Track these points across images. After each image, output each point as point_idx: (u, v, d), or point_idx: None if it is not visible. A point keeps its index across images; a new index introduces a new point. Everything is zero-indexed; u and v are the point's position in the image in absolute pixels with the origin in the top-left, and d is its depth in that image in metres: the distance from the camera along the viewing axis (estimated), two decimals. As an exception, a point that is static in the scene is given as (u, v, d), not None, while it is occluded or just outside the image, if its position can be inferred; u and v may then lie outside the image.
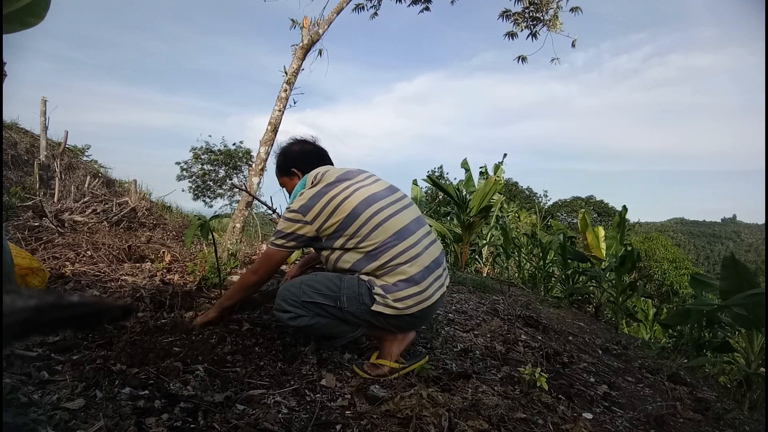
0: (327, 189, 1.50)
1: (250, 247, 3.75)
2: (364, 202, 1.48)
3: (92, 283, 2.14)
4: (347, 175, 1.57)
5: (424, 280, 1.46)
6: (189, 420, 1.06)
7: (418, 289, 1.45)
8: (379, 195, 1.53)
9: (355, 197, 1.48)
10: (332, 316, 1.47)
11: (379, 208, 1.49)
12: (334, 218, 1.46)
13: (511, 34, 4.97)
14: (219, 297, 2.10)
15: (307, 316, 1.46)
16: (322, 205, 1.47)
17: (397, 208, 1.53)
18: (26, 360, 1.24)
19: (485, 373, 1.63)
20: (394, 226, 1.47)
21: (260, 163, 3.68)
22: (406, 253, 1.45)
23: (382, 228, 1.46)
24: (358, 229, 1.45)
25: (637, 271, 4.91)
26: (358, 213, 1.46)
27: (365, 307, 1.44)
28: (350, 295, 1.44)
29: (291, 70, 3.84)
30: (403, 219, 1.51)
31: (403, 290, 1.42)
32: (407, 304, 1.43)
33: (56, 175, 4.41)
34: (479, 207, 5.64)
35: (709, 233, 72.91)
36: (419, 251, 1.48)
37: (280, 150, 1.78)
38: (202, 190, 14.41)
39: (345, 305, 1.44)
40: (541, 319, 2.79)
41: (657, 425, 1.47)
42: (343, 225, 1.46)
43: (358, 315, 1.45)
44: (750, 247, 60.76)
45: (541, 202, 30.84)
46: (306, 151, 1.73)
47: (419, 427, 1.11)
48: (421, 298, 1.45)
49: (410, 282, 1.43)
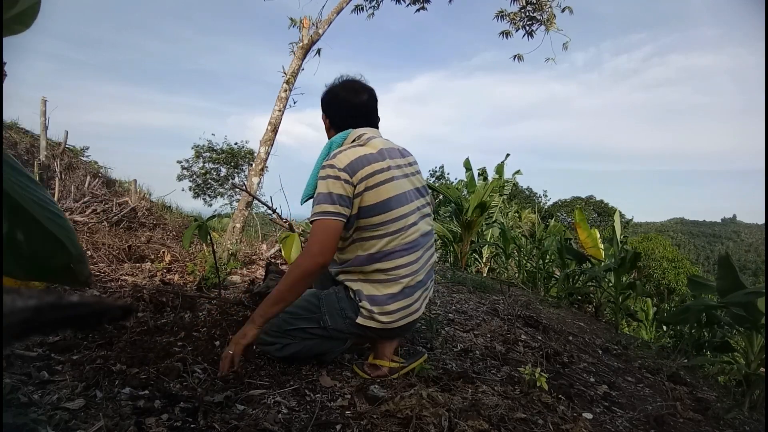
0: (372, 159, 1.35)
1: (250, 247, 3.75)
2: (396, 199, 1.37)
3: (92, 283, 2.14)
4: (389, 152, 1.43)
5: (413, 294, 1.42)
6: (189, 420, 1.06)
7: (407, 302, 1.40)
8: (409, 196, 1.43)
9: (393, 186, 1.36)
10: (318, 336, 1.43)
11: (406, 212, 1.39)
12: (369, 197, 1.33)
13: (506, 33, 4.97)
14: (219, 297, 2.10)
15: (293, 343, 1.42)
16: (366, 173, 1.33)
17: (418, 217, 1.45)
18: (26, 360, 1.24)
19: (485, 373, 1.63)
20: (409, 236, 1.39)
21: (260, 163, 3.68)
22: (408, 267, 1.39)
23: (400, 235, 1.37)
24: (379, 224, 1.35)
25: (636, 271, 4.91)
26: (388, 207, 1.35)
27: (350, 320, 1.40)
28: (332, 312, 1.41)
29: (291, 70, 3.84)
30: (419, 230, 1.44)
31: (391, 304, 1.37)
32: (394, 318, 1.38)
33: (56, 175, 4.41)
34: (476, 205, 5.64)
35: (709, 233, 72.94)
36: (420, 267, 1.44)
37: (333, 84, 1.54)
38: (203, 189, 14.41)
39: (329, 323, 1.40)
40: (541, 319, 2.79)
41: (657, 425, 1.47)
42: (371, 211, 1.33)
43: (343, 330, 1.42)
44: (750, 247, 60.77)
45: (541, 202, 30.86)
46: (355, 104, 1.49)
47: (419, 427, 1.11)
48: (409, 311, 1.41)
49: (400, 296, 1.38)
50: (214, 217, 2.32)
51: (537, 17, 4.83)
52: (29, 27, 0.65)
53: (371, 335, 1.46)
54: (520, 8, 4.85)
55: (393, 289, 1.37)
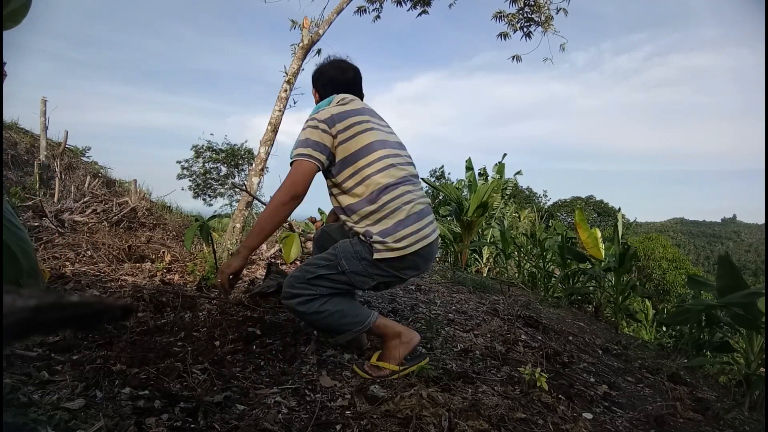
0: (353, 113, 1.53)
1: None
2: (379, 143, 1.52)
3: (92, 283, 2.14)
4: (371, 112, 1.61)
5: (421, 220, 1.50)
6: (189, 420, 1.06)
7: (417, 227, 1.48)
8: (390, 143, 1.58)
9: (374, 134, 1.52)
10: (341, 285, 1.48)
11: (389, 154, 1.53)
12: (352, 144, 1.48)
13: (504, 35, 4.97)
14: (219, 297, 2.10)
15: (317, 299, 1.45)
16: (346, 125, 1.49)
17: (402, 161, 1.58)
18: (26, 360, 1.24)
19: (485, 373, 1.63)
20: (398, 174, 1.51)
21: (260, 163, 3.68)
22: (405, 197, 1.49)
23: (387, 172, 1.49)
24: (366, 166, 1.48)
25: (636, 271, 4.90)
26: (371, 150, 1.49)
27: (366, 261, 1.46)
28: (347, 257, 1.47)
29: (291, 71, 3.84)
30: (408, 171, 1.57)
31: (402, 230, 1.45)
32: (408, 242, 1.45)
33: (56, 175, 4.41)
34: (477, 206, 5.64)
35: (709, 233, 72.91)
36: (417, 198, 1.53)
37: (322, 63, 1.74)
38: (203, 189, 14.40)
39: (346, 267, 1.46)
40: (541, 319, 2.78)
41: (657, 425, 1.47)
42: (356, 156, 1.48)
43: (362, 272, 1.47)
44: (750, 247, 60.73)
45: (540, 202, 30.85)
46: (341, 80, 1.68)
47: (419, 427, 1.11)
48: (421, 235, 1.48)
49: (408, 221, 1.47)
50: (214, 218, 2.32)
51: (534, 18, 4.83)
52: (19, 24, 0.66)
53: (393, 274, 1.49)
54: (518, 9, 4.85)
55: (399, 217, 1.46)
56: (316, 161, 1.45)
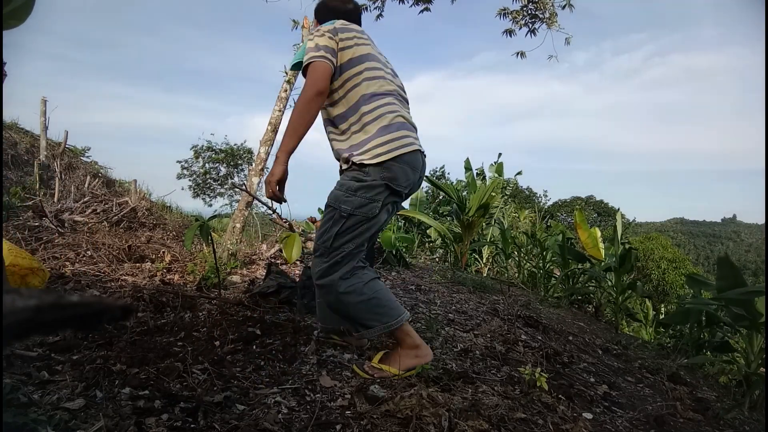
0: (354, 30, 1.62)
1: (250, 247, 3.75)
2: (372, 57, 1.60)
3: (92, 283, 2.14)
4: (367, 33, 1.70)
5: (404, 129, 1.54)
6: (189, 420, 1.06)
7: (401, 133, 1.52)
8: (383, 62, 1.66)
9: (369, 49, 1.61)
10: (359, 229, 1.48)
11: (379, 67, 1.61)
12: (348, 53, 1.55)
13: (509, 31, 4.97)
14: (219, 297, 2.10)
15: (357, 273, 1.48)
16: (348, 36, 1.57)
17: (391, 78, 1.64)
18: (26, 360, 1.24)
19: (485, 373, 1.63)
20: (386, 86, 1.58)
21: (260, 163, 3.68)
22: (390, 107, 1.55)
23: (375, 82, 1.56)
24: (355, 74, 1.54)
25: (636, 270, 4.90)
26: (363, 61, 1.57)
27: (361, 189, 1.47)
28: (343, 200, 1.48)
29: (291, 70, 3.83)
30: (395, 86, 1.63)
31: (385, 135, 1.49)
32: (394, 145, 1.49)
33: (56, 175, 4.41)
34: (478, 206, 5.64)
35: (709, 233, 72.88)
36: (400, 111, 1.57)
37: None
38: (202, 189, 14.39)
39: (348, 208, 1.47)
40: (541, 319, 2.78)
41: (657, 425, 1.47)
42: (349, 64, 1.55)
43: (365, 202, 1.47)
44: (750, 247, 60.75)
45: (540, 201, 30.83)
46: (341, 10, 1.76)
47: (419, 427, 1.11)
48: (405, 142, 1.52)
49: (392, 128, 1.51)
50: (214, 218, 2.32)
51: (539, 15, 4.83)
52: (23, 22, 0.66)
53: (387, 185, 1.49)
54: (522, 6, 4.85)
55: (382, 123, 1.51)
56: (329, 62, 1.49)
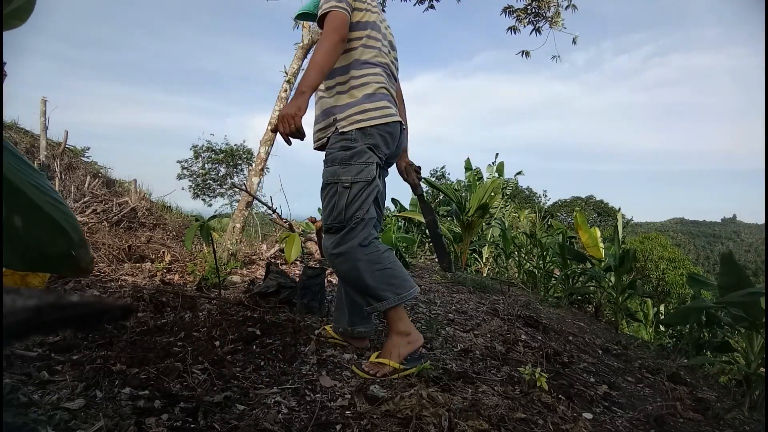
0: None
1: (250, 247, 3.75)
2: (375, 26, 1.62)
3: (92, 283, 2.14)
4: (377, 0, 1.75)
5: (387, 99, 1.58)
6: (189, 420, 1.06)
7: (384, 103, 1.56)
8: (385, 35, 1.69)
9: (375, 17, 1.63)
10: (366, 194, 1.50)
11: (379, 38, 1.63)
12: (361, 15, 1.58)
13: (514, 29, 4.99)
14: (219, 297, 2.10)
15: (348, 231, 1.49)
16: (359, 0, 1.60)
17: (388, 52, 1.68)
18: (26, 360, 1.24)
19: (485, 373, 1.63)
20: (380, 58, 1.61)
21: (260, 163, 3.68)
22: (378, 78, 1.57)
23: (372, 51, 1.59)
24: (354, 39, 1.57)
25: (635, 270, 4.91)
26: (369, 27, 1.59)
27: (353, 156, 1.49)
28: (338, 171, 1.49)
29: (291, 70, 3.84)
30: (389, 60, 1.66)
31: (368, 103, 1.53)
32: (377, 114, 1.53)
33: (56, 175, 4.41)
34: (477, 206, 5.64)
35: (709, 233, 72.88)
36: (386, 84, 1.60)
37: None
38: (202, 189, 14.39)
39: (348, 178, 1.49)
40: (541, 319, 2.78)
41: (657, 425, 1.47)
42: (359, 26, 1.58)
43: (361, 167, 1.49)
44: (750, 247, 60.74)
45: (540, 201, 30.82)
46: None
47: (419, 427, 1.11)
48: (387, 112, 1.55)
49: (375, 97, 1.54)
50: (214, 218, 2.32)
51: (543, 14, 4.84)
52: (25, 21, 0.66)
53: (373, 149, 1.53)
54: (527, 4, 4.87)
55: (367, 90, 1.55)
56: (346, 11, 1.50)
